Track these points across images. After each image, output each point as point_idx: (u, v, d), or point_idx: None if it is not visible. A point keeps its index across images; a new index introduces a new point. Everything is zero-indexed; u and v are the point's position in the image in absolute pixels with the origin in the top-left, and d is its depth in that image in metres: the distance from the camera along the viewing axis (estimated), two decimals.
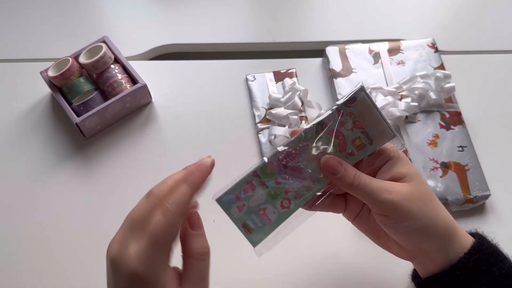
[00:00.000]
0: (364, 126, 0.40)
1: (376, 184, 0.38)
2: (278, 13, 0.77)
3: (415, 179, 0.39)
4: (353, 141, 0.40)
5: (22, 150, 0.61)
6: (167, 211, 0.33)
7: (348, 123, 0.40)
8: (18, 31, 0.73)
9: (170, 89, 0.67)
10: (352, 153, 0.40)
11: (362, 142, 0.40)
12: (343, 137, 0.40)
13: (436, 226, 0.39)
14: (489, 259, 0.39)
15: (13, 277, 0.52)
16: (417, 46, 0.68)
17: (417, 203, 0.38)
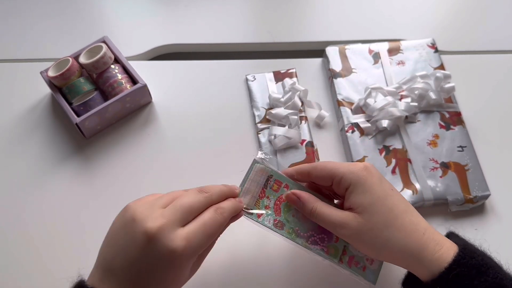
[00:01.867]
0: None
1: (332, 218, 0.43)
2: (278, 13, 0.77)
3: (368, 210, 0.41)
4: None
5: (22, 150, 0.61)
6: (223, 213, 0.41)
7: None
8: (18, 31, 0.73)
9: (170, 89, 0.67)
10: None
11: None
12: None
13: (394, 254, 0.41)
14: (470, 272, 0.39)
15: (13, 277, 0.52)
16: (417, 46, 0.68)
17: (368, 235, 0.41)
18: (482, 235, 0.55)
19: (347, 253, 0.46)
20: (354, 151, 0.59)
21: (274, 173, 0.47)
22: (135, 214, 0.38)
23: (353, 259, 0.45)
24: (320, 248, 0.45)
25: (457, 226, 0.56)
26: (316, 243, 0.45)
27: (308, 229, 0.46)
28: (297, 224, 0.46)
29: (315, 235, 0.46)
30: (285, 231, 0.46)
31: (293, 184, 0.47)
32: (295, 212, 0.46)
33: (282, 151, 0.60)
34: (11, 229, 0.55)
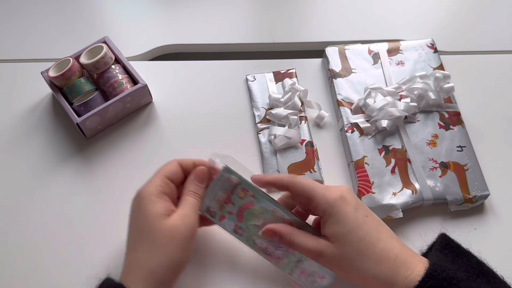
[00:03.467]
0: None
1: (309, 247, 0.44)
2: (278, 13, 0.77)
3: (340, 240, 0.43)
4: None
5: (22, 150, 0.62)
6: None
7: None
8: (19, 31, 0.74)
9: (171, 89, 0.67)
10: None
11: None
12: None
13: (368, 281, 0.43)
14: (442, 284, 0.40)
15: (13, 277, 0.52)
16: (417, 47, 0.68)
17: (342, 264, 0.43)
18: (481, 235, 0.55)
19: (299, 266, 0.47)
20: (353, 151, 0.59)
21: (242, 182, 0.47)
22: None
23: (305, 272, 0.47)
24: (275, 259, 0.48)
25: (457, 226, 0.56)
26: (272, 253, 0.47)
27: (265, 240, 0.47)
28: (256, 233, 0.47)
29: (271, 246, 0.47)
30: (243, 238, 0.48)
31: (261, 196, 0.47)
32: (257, 221, 0.47)
33: (282, 151, 0.60)
34: (11, 229, 0.56)
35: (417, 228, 0.56)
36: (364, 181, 0.56)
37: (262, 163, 0.60)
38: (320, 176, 0.58)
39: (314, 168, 0.59)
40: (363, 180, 0.56)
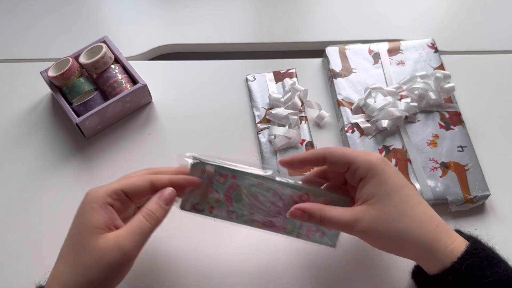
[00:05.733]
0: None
1: (343, 218, 0.42)
2: (278, 13, 0.77)
3: (382, 201, 0.41)
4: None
5: (22, 150, 0.61)
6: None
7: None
8: (18, 31, 0.74)
9: (170, 89, 0.67)
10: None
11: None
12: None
13: (407, 245, 0.41)
14: (482, 263, 0.39)
15: (13, 277, 0.52)
16: (417, 46, 0.68)
17: (381, 227, 0.41)
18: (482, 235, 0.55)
19: (304, 225, 0.46)
20: None
21: (217, 167, 0.46)
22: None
23: (311, 229, 0.46)
24: (277, 228, 0.47)
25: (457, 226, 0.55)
26: (272, 224, 0.47)
27: (262, 213, 0.46)
28: (251, 210, 0.47)
29: (269, 217, 0.46)
30: (239, 220, 0.47)
31: (241, 174, 0.46)
32: (247, 199, 0.46)
33: (282, 151, 0.60)
34: (11, 229, 0.55)
35: None
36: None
37: (262, 163, 0.60)
38: None
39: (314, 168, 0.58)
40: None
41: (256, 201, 0.47)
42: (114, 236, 0.39)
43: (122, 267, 0.40)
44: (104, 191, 0.41)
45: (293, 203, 0.45)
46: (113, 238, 0.39)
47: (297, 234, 0.47)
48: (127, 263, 0.40)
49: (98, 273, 0.38)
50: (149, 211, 0.41)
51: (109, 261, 0.38)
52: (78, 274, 0.39)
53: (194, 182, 0.45)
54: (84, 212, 0.41)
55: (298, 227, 0.47)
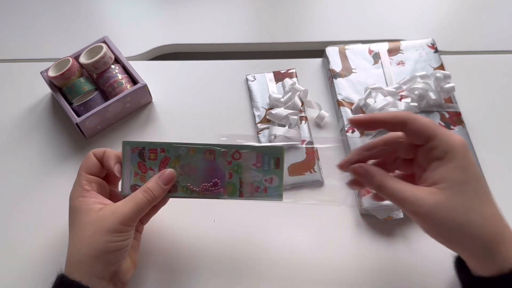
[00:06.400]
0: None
1: (403, 193, 0.39)
2: (278, 13, 0.77)
3: (454, 188, 0.38)
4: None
5: (22, 150, 0.61)
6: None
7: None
8: (18, 31, 0.74)
9: (170, 89, 0.67)
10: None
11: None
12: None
13: (465, 240, 0.38)
14: None
15: (13, 277, 0.52)
16: (417, 47, 0.68)
17: (443, 215, 0.38)
18: None
19: (244, 183, 0.46)
20: None
21: (145, 145, 0.47)
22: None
23: (252, 186, 0.46)
24: (217, 193, 0.47)
25: None
26: (211, 190, 0.46)
27: (199, 180, 0.47)
28: (187, 180, 0.47)
29: (207, 183, 0.46)
30: (179, 192, 0.47)
31: (170, 146, 0.46)
32: (182, 170, 0.46)
33: None
34: (11, 229, 0.55)
35: (418, 229, 0.55)
36: None
37: None
38: (320, 176, 0.58)
39: (314, 168, 0.59)
40: None
41: (190, 169, 0.46)
42: (110, 207, 0.44)
43: (122, 234, 0.43)
44: (77, 185, 0.46)
45: (227, 163, 0.46)
46: (109, 208, 0.43)
47: (240, 194, 0.47)
48: (125, 230, 0.43)
49: (101, 240, 0.42)
50: (147, 188, 0.45)
51: (109, 226, 0.42)
52: (84, 245, 0.42)
53: (119, 156, 0.47)
54: (74, 206, 0.45)
55: (238, 186, 0.46)
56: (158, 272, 0.52)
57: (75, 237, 0.43)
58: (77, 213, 0.44)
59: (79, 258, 0.42)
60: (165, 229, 0.55)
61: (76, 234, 0.43)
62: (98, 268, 0.42)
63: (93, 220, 0.43)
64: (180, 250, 0.54)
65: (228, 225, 0.56)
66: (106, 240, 0.42)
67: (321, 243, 0.54)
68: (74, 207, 0.45)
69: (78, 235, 0.43)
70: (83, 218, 0.43)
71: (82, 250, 0.42)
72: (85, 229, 0.43)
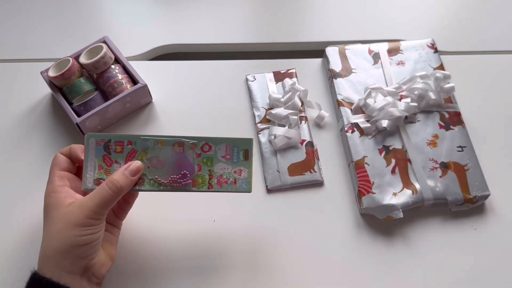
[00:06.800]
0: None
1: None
2: (278, 13, 0.77)
3: None
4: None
5: (22, 150, 0.61)
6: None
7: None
8: (19, 31, 0.74)
9: (170, 89, 0.67)
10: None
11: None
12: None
13: None
14: None
15: (13, 277, 0.52)
16: (417, 47, 0.68)
17: None
18: (481, 235, 0.55)
19: (213, 176, 0.46)
20: (354, 151, 0.59)
21: (111, 137, 0.46)
22: None
23: (221, 178, 0.46)
24: (185, 185, 0.46)
25: (457, 226, 0.56)
26: (179, 182, 0.46)
27: (167, 173, 0.46)
28: (155, 173, 0.46)
29: (175, 175, 0.46)
30: (146, 185, 0.46)
31: (137, 138, 0.46)
32: (150, 163, 0.46)
33: (282, 151, 0.60)
34: (11, 229, 0.55)
35: (417, 229, 0.56)
36: (364, 181, 0.56)
37: (262, 163, 0.60)
38: (320, 176, 0.58)
39: (314, 168, 0.59)
40: (363, 180, 0.56)
41: (158, 162, 0.46)
42: (78, 202, 0.44)
43: (90, 228, 0.43)
44: (50, 182, 0.46)
45: (196, 156, 0.46)
46: (77, 203, 0.44)
47: (209, 186, 0.46)
48: (93, 224, 0.43)
49: (69, 234, 0.42)
50: (113, 179, 0.44)
51: (76, 221, 0.42)
52: (53, 240, 0.43)
53: (81, 148, 0.48)
54: (46, 203, 0.45)
55: (208, 178, 0.46)
56: (158, 272, 0.52)
57: (46, 233, 0.44)
58: (49, 208, 0.45)
59: (48, 254, 0.43)
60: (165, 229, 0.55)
61: (48, 229, 0.44)
62: (67, 263, 0.42)
63: (62, 215, 0.43)
64: (180, 250, 0.54)
65: (228, 225, 0.56)
66: (75, 234, 0.42)
67: (321, 243, 0.55)
68: (47, 203, 0.45)
69: (49, 230, 0.43)
70: (53, 214, 0.44)
71: (52, 245, 0.43)
72: (55, 224, 0.43)
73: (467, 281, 0.53)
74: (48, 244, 0.43)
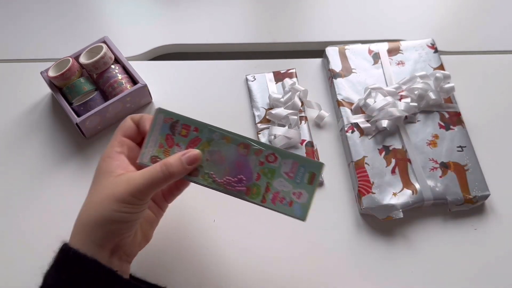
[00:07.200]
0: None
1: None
2: (278, 13, 0.77)
3: None
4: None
5: (22, 150, 0.61)
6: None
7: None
8: (19, 31, 0.74)
9: (170, 89, 0.67)
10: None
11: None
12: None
13: None
14: None
15: (13, 277, 0.52)
16: (417, 47, 0.68)
17: None
18: (481, 235, 0.55)
19: (270, 190, 0.42)
20: (354, 151, 0.59)
21: (180, 118, 0.44)
22: None
23: (278, 195, 0.42)
24: (238, 191, 0.43)
25: (457, 226, 0.56)
26: (233, 185, 0.43)
27: (224, 172, 0.43)
28: (212, 168, 0.43)
29: (232, 177, 0.43)
30: (200, 177, 0.43)
31: (205, 127, 0.43)
32: (209, 156, 0.43)
33: None
34: (11, 228, 0.56)
35: (417, 229, 0.56)
36: (364, 181, 0.56)
37: None
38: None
39: None
40: (363, 180, 0.56)
41: (218, 157, 0.43)
42: (127, 175, 0.41)
43: (130, 206, 0.40)
44: (110, 146, 0.44)
45: (259, 163, 0.42)
46: (125, 176, 0.41)
47: (262, 199, 0.43)
48: (135, 203, 0.40)
49: (109, 205, 0.40)
50: (167, 162, 0.41)
51: (119, 195, 0.40)
52: (92, 209, 0.41)
53: (151, 120, 0.45)
54: (99, 165, 0.43)
55: (263, 191, 0.42)
56: (158, 273, 0.52)
57: (89, 198, 0.42)
58: (99, 172, 0.43)
59: (84, 221, 0.41)
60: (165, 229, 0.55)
61: (91, 195, 0.42)
62: (100, 235, 0.40)
63: (108, 184, 0.41)
64: (180, 250, 0.54)
65: (228, 225, 0.56)
66: (113, 209, 0.40)
67: (321, 243, 0.55)
68: (99, 166, 0.43)
69: (92, 197, 0.42)
70: (101, 180, 0.42)
71: (90, 213, 0.41)
72: (99, 193, 0.41)
73: (467, 281, 0.53)
74: (87, 211, 0.41)
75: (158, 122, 0.43)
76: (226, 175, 0.43)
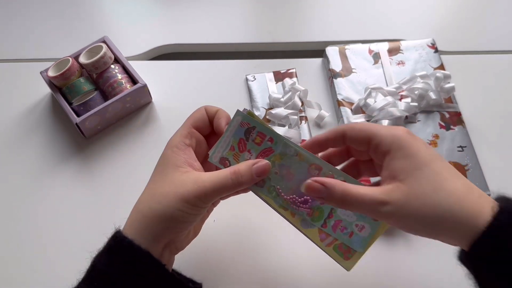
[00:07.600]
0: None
1: (369, 197, 0.36)
2: (278, 13, 0.77)
3: (413, 175, 0.36)
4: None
5: (22, 150, 0.61)
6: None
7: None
8: (18, 31, 0.74)
9: (170, 89, 0.67)
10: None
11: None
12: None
13: (446, 220, 0.35)
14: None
15: (13, 277, 0.52)
16: (417, 46, 0.68)
17: (414, 205, 0.36)
18: None
19: (333, 216, 0.41)
20: None
21: (257, 125, 0.42)
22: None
23: (340, 223, 0.41)
24: (302, 211, 0.41)
25: None
26: (298, 204, 0.41)
27: (290, 189, 0.41)
28: (279, 183, 0.42)
29: (297, 196, 0.41)
30: (265, 189, 0.42)
31: (281, 140, 0.42)
32: (279, 169, 0.42)
33: None
34: (10, 229, 0.55)
35: None
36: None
37: None
38: None
39: None
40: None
41: (287, 173, 0.41)
42: (195, 175, 0.40)
43: (194, 208, 0.40)
44: (179, 135, 0.43)
45: None
46: (193, 175, 0.40)
47: (323, 224, 0.41)
48: (199, 205, 0.40)
49: (173, 203, 0.39)
50: (238, 170, 0.40)
51: (184, 194, 0.39)
52: (154, 201, 0.40)
53: (227, 117, 0.44)
54: (167, 154, 0.42)
55: (326, 216, 0.41)
56: None
57: (152, 187, 0.41)
58: (166, 163, 0.42)
59: (145, 213, 0.40)
60: None
61: (155, 185, 0.41)
62: (158, 229, 0.39)
63: (175, 179, 0.40)
64: None
65: (228, 225, 0.55)
66: (178, 208, 0.39)
67: None
68: (166, 156, 0.42)
69: (156, 187, 0.41)
70: (168, 172, 0.41)
71: (152, 205, 0.40)
72: (165, 186, 0.40)
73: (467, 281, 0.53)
74: (149, 203, 0.40)
75: (234, 124, 0.43)
76: (292, 193, 0.42)
